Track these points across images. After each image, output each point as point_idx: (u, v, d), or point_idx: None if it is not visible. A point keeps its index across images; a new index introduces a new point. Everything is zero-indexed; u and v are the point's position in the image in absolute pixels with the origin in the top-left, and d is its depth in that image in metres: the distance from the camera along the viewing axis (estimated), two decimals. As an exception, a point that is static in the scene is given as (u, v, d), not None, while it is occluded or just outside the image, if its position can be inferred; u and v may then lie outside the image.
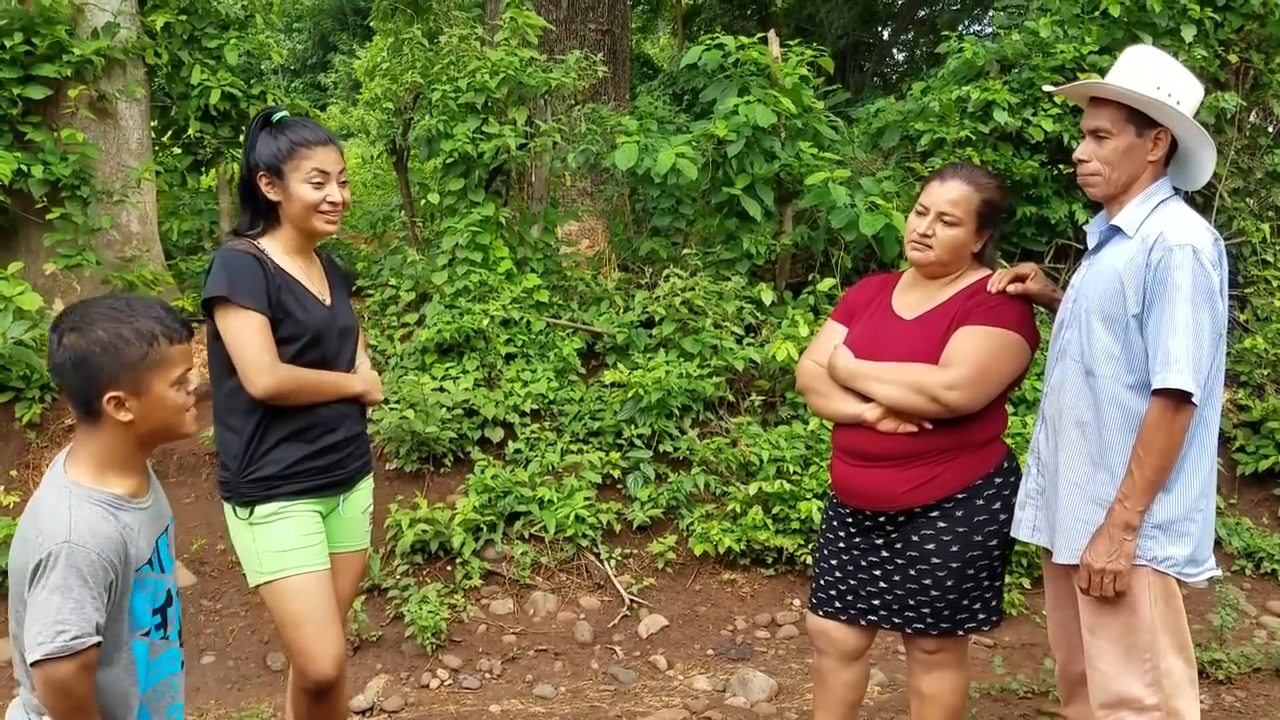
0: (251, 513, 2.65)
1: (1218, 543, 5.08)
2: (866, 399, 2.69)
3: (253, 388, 2.56)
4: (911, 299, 2.81)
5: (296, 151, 2.62)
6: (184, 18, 5.90)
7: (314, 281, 2.77)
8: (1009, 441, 2.89)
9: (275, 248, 2.70)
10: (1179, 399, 2.34)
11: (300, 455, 2.66)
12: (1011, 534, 2.74)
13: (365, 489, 2.93)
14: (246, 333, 2.55)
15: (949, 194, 2.69)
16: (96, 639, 1.77)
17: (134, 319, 1.85)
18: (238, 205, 2.78)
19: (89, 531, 1.80)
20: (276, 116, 2.68)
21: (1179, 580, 2.47)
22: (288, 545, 2.64)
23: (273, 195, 2.66)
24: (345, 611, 2.97)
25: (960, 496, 2.68)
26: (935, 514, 2.69)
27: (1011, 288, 2.69)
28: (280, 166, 2.62)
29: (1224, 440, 5.54)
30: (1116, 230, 2.53)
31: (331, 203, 2.67)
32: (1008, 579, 4.61)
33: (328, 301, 2.77)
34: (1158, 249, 2.39)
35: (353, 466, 2.82)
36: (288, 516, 2.66)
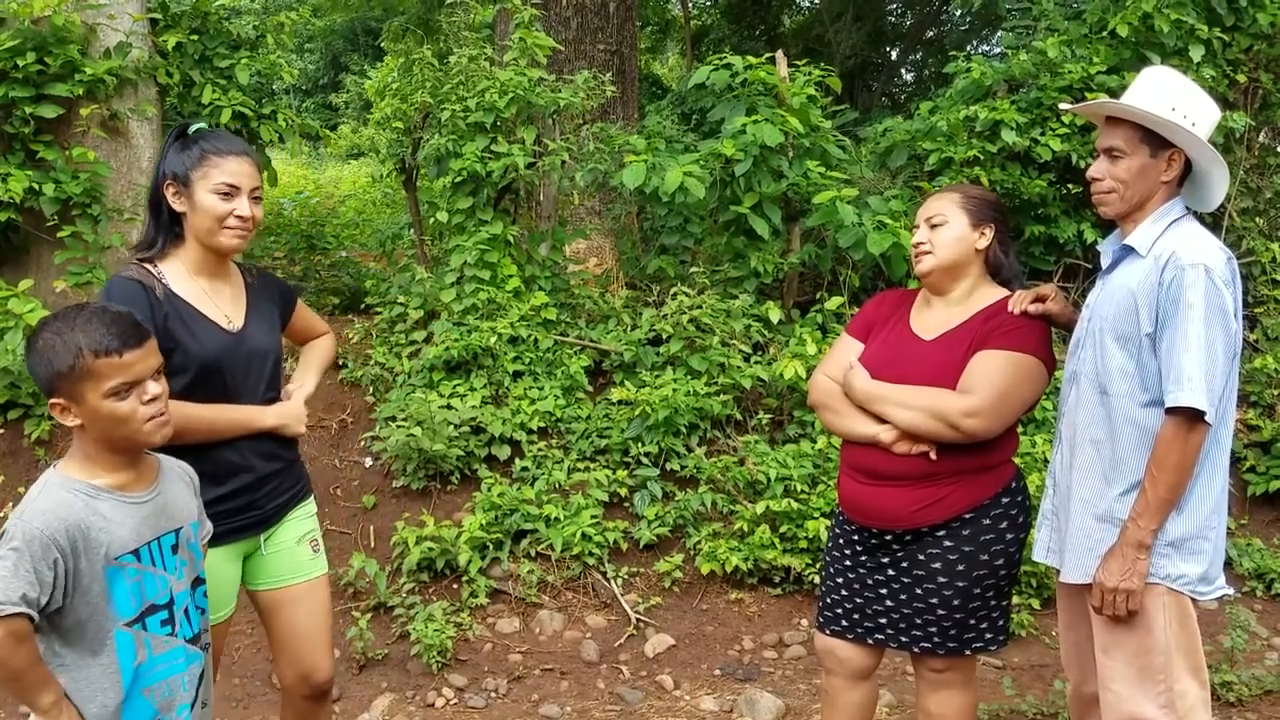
0: None
1: (1228, 564, 5.04)
2: (881, 419, 2.68)
3: None
4: (930, 318, 2.80)
5: (206, 160, 2.48)
6: (196, 38, 5.94)
7: (223, 304, 2.58)
8: (1018, 461, 2.88)
9: (177, 269, 2.53)
10: (1193, 417, 2.34)
11: (207, 500, 2.40)
12: (1032, 556, 2.75)
13: (298, 518, 2.73)
14: None
15: (930, 204, 2.81)
16: (19, 609, 1.81)
17: (68, 331, 1.91)
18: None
19: (39, 511, 1.88)
20: (193, 128, 2.56)
21: (1192, 599, 2.46)
22: None
23: (178, 206, 2.51)
24: (323, 647, 2.76)
25: (967, 516, 2.67)
26: (942, 533, 2.68)
27: (1033, 308, 2.69)
28: (188, 175, 2.48)
29: (1234, 461, 5.50)
30: (1129, 250, 2.53)
31: (239, 217, 2.50)
32: (1017, 600, 4.58)
33: (236, 326, 2.57)
34: (1170, 268, 2.38)
35: (273, 504, 2.65)
36: None
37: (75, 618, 1.92)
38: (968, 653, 2.75)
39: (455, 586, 4.59)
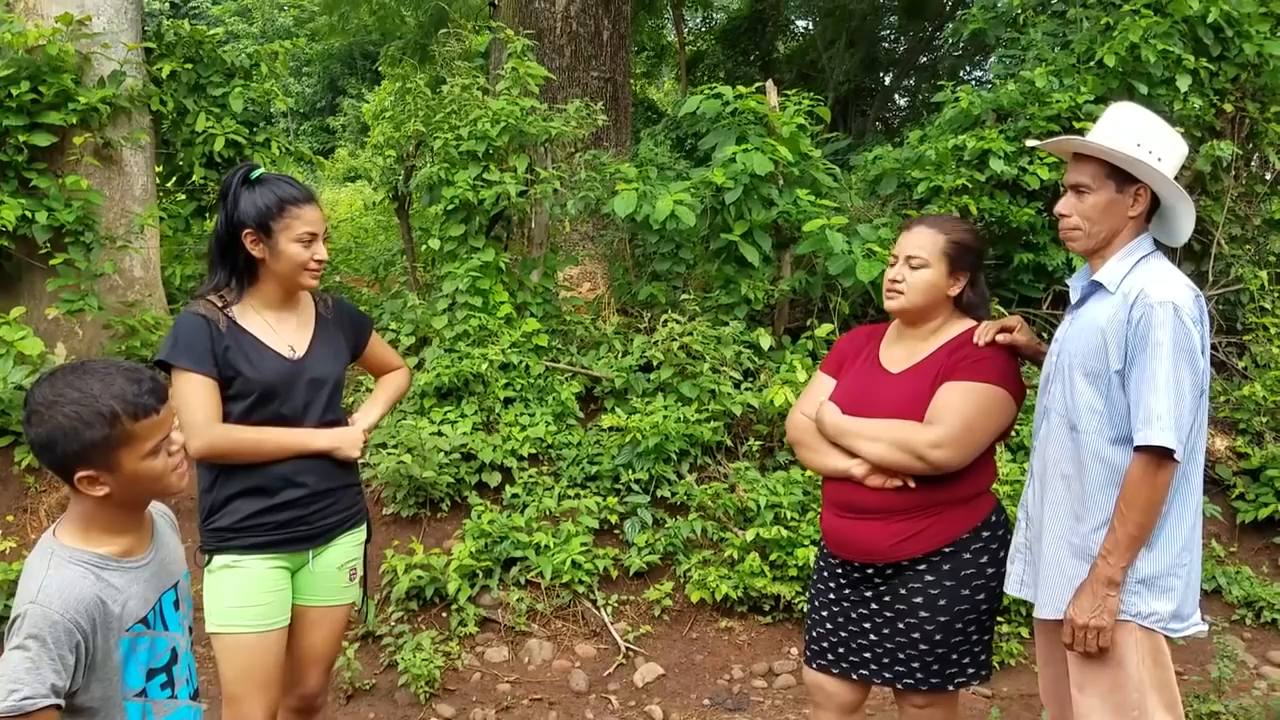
0: (209, 561, 2.66)
1: (1217, 592, 5.04)
2: (855, 454, 2.70)
3: (188, 448, 2.57)
4: (898, 351, 2.82)
5: (287, 210, 2.63)
6: (189, 66, 5.98)
7: (287, 334, 2.74)
8: (1004, 489, 2.89)
9: (247, 304, 2.71)
10: (1161, 455, 2.35)
11: (256, 509, 2.65)
12: (1004, 589, 2.75)
13: (347, 543, 2.86)
14: (184, 394, 2.59)
15: (914, 239, 2.76)
16: (51, 700, 1.73)
17: (95, 400, 1.78)
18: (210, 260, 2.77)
19: (56, 593, 1.79)
20: (255, 173, 2.69)
21: (1166, 636, 2.46)
22: (233, 601, 2.62)
23: (257, 252, 2.66)
24: (323, 667, 2.91)
25: (947, 550, 2.68)
26: (922, 567, 2.69)
27: (1000, 338, 2.71)
28: (269, 224, 2.63)
29: (1224, 488, 5.51)
30: (1098, 285, 2.55)
31: (318, 260, 2.69)
32: (1006, 629, 4.58)
33: (299, 354, 2.73)
34: (1139, 306, 2.40)
35: (323, 522, 2.77)
36: (239, 571, 2.65)
37: (89, 696, 1.85)
38: (950, 688, 2.75)
39: (444, 615, 4.58)
